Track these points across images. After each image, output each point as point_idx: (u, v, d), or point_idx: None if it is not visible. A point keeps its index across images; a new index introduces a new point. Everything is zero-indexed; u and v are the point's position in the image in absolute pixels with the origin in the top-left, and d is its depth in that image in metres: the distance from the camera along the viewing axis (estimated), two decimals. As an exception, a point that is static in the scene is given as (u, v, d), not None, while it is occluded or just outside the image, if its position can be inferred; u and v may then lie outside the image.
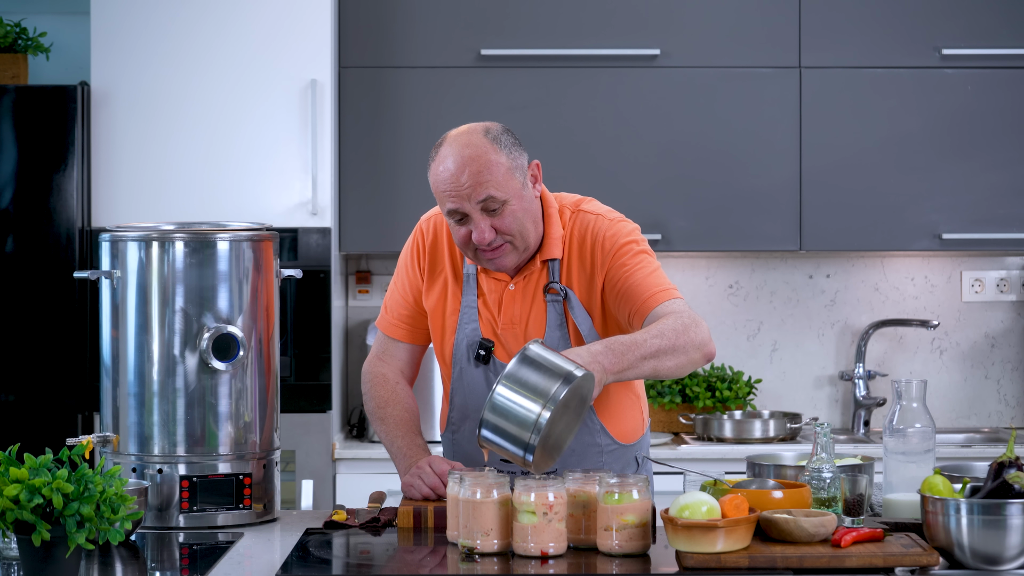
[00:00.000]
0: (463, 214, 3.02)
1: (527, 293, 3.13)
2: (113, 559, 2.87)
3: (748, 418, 5.01)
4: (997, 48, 4.93)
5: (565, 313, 3.11)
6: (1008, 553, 2.63)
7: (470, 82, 4.90)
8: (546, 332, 3.11)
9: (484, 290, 3.16)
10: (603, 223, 3.12)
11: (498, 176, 2.99)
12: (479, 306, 3.16)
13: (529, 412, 2.73)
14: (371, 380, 3.33)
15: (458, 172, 2.99)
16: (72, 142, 4.63)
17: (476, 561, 2.76)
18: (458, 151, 3.00)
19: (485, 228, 3.00)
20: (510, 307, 3.14)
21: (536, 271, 3.12)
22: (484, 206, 3.00)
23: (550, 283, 3.10)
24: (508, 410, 2.73)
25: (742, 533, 2.67)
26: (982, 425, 5.29)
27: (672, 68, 4.92)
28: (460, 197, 2.99)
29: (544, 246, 3.11)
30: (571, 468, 3.00)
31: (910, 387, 3.03)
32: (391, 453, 3.26)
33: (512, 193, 3.01)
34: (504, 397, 2.73)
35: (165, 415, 3.15)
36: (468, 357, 3.17)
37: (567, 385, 2.72)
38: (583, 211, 3.15)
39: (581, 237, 3.12)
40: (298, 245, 4.67)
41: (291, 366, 4.65)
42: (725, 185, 4.93)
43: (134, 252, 3.17)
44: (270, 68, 4.68)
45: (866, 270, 5.29)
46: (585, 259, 3.11)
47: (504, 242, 3.04)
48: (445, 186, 3.00)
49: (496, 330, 3.14)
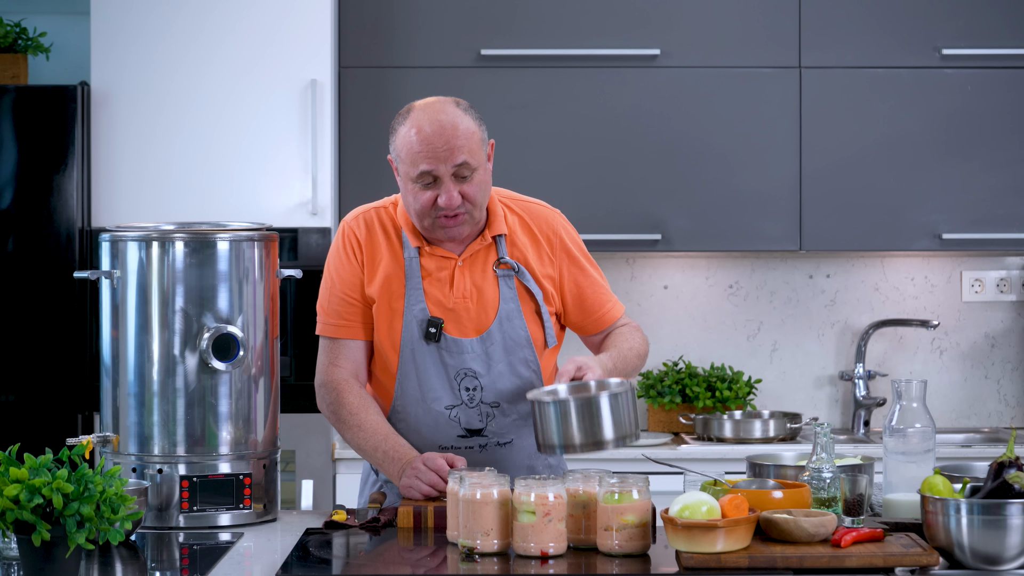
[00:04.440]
0: (435, 177, 3.10)
1: (475, 267, 3.22)
2: (113, 559, 2.87)
3: (748, 418, 5.01)
4: (997, 48, 4.92)
5: (517, 287, 3.23)
6: (1008, 553, 2.63)
7: (470, 82, 4.90)
8: (500, 304, 3.21)
9: (429, 270, 3.21)
10: (541, 209, 3.31)
11: (472, 144, 3.11)
12: (424, 287, 3.21)
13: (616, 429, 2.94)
14: (335, 388, 3.27)
15: (435, 135, 3.08)
16: (72, 142, 4.63)
17: (476, 561, 2.76)
18: (434, 116, 3.10)
19: (454, 193, 3.10)
20: (461, 282, 3.21)
21: (484, 247, 3.22)
22: (457, 171, 3.10)
23: (501, 259, 3.22)
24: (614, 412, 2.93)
25: (742, 533, 2.67)
26: (982, 425, 5.29)
27: (672, 68, 4.92)
28: (436, 159, 3.08)
29: (491, 222, 3.23)
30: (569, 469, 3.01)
31: (910, 387, 3.03)
32: (374, 459, 3.24)
33: (480, 163, 3.14)
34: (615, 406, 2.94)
35: (165, 415, 3.15)
36: (419, 336, 3.20)
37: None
38: (513, 197, 3.32)
39: (523, 216, 3.28)
40: (298, 245, 4.67)
41: (291, 366, 4.65)
42: (725, 185, 4.93)
43: (134, 252, 3.17)
44: (270, 68, 4.68)
45: (866, 270, 5.29)
46: (536, 239, 3.27)
47: (464, 211, 3.14)
48: (420, 147, 3.09)
49: (448, 305, 3.20)
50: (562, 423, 2.92)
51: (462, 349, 3.20)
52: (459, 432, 3.23)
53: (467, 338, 3.20)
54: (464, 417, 3.22)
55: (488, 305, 3.21)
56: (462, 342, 3.20)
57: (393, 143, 3.16)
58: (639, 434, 2.99)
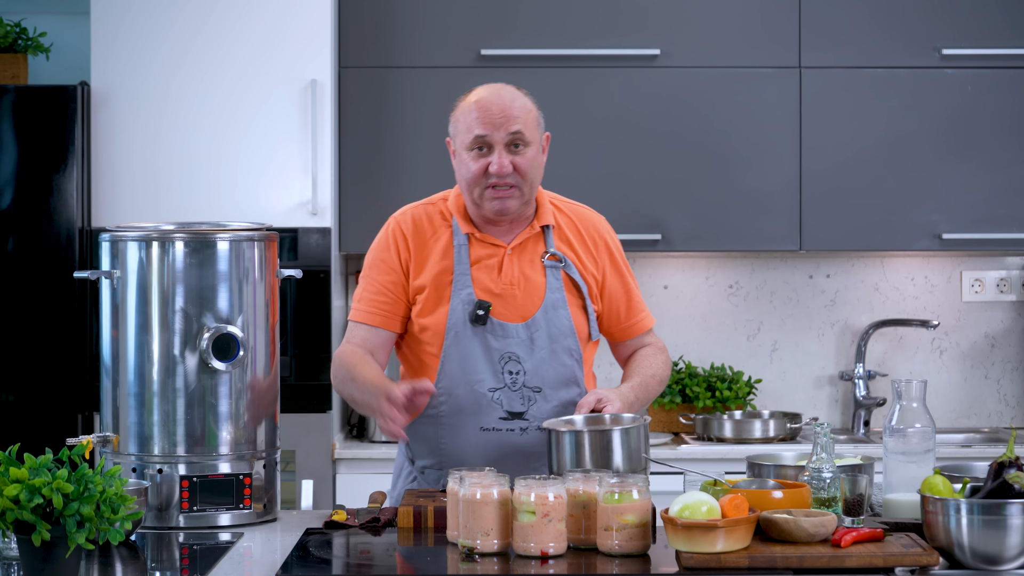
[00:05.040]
0: (488, 144, 3.19)
1: (524, 256, 3.29)
2: (113, 559, 2.87)
3: (748, 418, 5.01)
4: (997, 48, 4.92)
5: (563, 279, 3.29)
6: (1008, 553, 2.63)
7: (470, 82, 4.84)
8: (546, 293, 3.27)
9: (479, 256, 3.27)
10: (589, 212, 3.41)
11: (528, 119, 3.22)
12: (473, 273, 3.26)
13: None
14: (339, 357, 3.29)
15: (493, 103, 3.21)
16: (72, 142, 4.63)
17: (476, 561, 2.76)
18: (495, 90, 3.26)
19: (505, 160, 3.19)
20: (510, 269, 3.27)
21: (533, 236, 3.29)
22: (511, 139, 3.19)
23: (550, 251, 3.29)
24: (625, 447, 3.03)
25: (742, 533, 2.67)
26: (982, 425, 5.28)
27: (672, 68, 4.92)
28: (492, 125, 3.19)
29: (540, 213, 3.30)
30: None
31: (910, 387, 3.03)
32: (367, 410, 3.21)
33: (534, 140, 3.23)
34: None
35: (165, 415, 3.15)
36: (465, 319, 3.23)
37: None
38: (562, 200, 3.40)
39: (572, 218, 3.36)
40: (298, 245, 4.67)
41: (291, 366, 4.65)
42: (725, 185, 4.93)
43: (134, 252, 3.17)
44: (270, 68, 4.68)
45: (866, 270, 5.29)
46: (583, 239, 3.35)
47: (514, 183, 3.20)
48: (476, 113, 3.20)
49: (496, 291, 3.25)
50: (576, 453, 3.01)
51: (507, 333, 3.25)
52: (500, 414, 3.25)
53: (513, 323, 3.25)
54: (506, 400, 3.25)
55: (535, 293, 3.27)
56: (508, 326, 3.25)
57: (452, 120, 3.27)
58: (649, 465, 3.08)
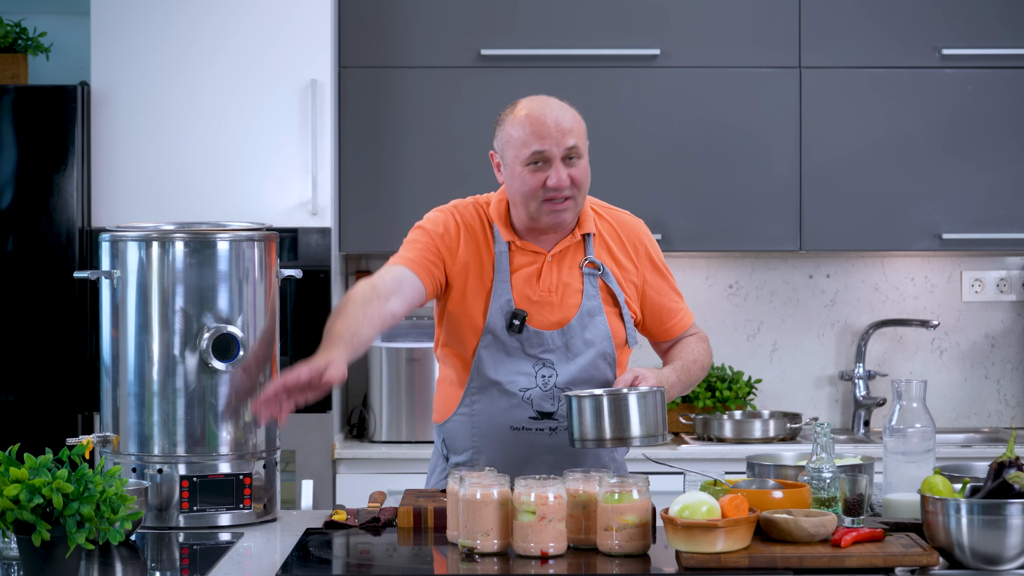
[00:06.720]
0: (546, 159, 3.19)
1: (563, 264, 3.30)
2: (113, 559, 2.87)
3: (748, 418, 5.01)
4: (997, 48, 4.92)
5: (600, 285, 3.31)
6: (1008, 553, 2.63)
7: (470, 82, 4.90)
8: (583, 300, 3.29)
9: (519, 264, 3.29)
10: (629, 217, 3.42)
11: (579, 130, 3.24)
12: (512, 280, 3.28)
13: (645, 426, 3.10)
14: (350, 291, 3.18)
15: (547, 118, 3.20)
16: (72, 142, 4.63)
17: (476, 561, 2.76)
18: (543, 103, 3.23)
19: (564, 174, 3.20)
20: (549, 276, 3.29)
21: (573, 244, 3.31)
22: (568, 153, 3.20)
23: (589, 259, 3.30)
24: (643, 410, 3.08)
25: (742, 533, 2.67)
26: (982, 425, 5.29)
27: (672, 68, 4.92)
28: (549, 140, 3.19)
29: (581, 220, 3.32)
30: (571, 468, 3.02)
31: (910, 387, 3.03)
32: None
33: (585, 153, 3.26)
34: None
35: (165, 415, 3.15)
36: (501, 326, 3.25)
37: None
38: (603, 205, 3.41)
39: (612, 224, 3.37)
40: (298, 245, 4.67)
41: (291, 366, 4.64)
42: (725, 185, 4.93)
43: (134, 252, 3.17)
44: (270, 68, 4.68)
45: (866, 270, 5.29)
46: (624, 246, 3.36)
47: (571, 195, 3.22)
48: (532, 128, 3.19)
49: (533, 297, 3.27)
50: (595, 418, 3.05)
51: (543, 340, 3.27)
52: (531, 414, 3.28)
53: (548, 330, 3.27)
54: (537, 400, 3.27)
55: (571, 300, 3.29)
56: (543, 334, 3.26)
57: (500, 134, 3.26)
58: (667, 436, 3.13)
